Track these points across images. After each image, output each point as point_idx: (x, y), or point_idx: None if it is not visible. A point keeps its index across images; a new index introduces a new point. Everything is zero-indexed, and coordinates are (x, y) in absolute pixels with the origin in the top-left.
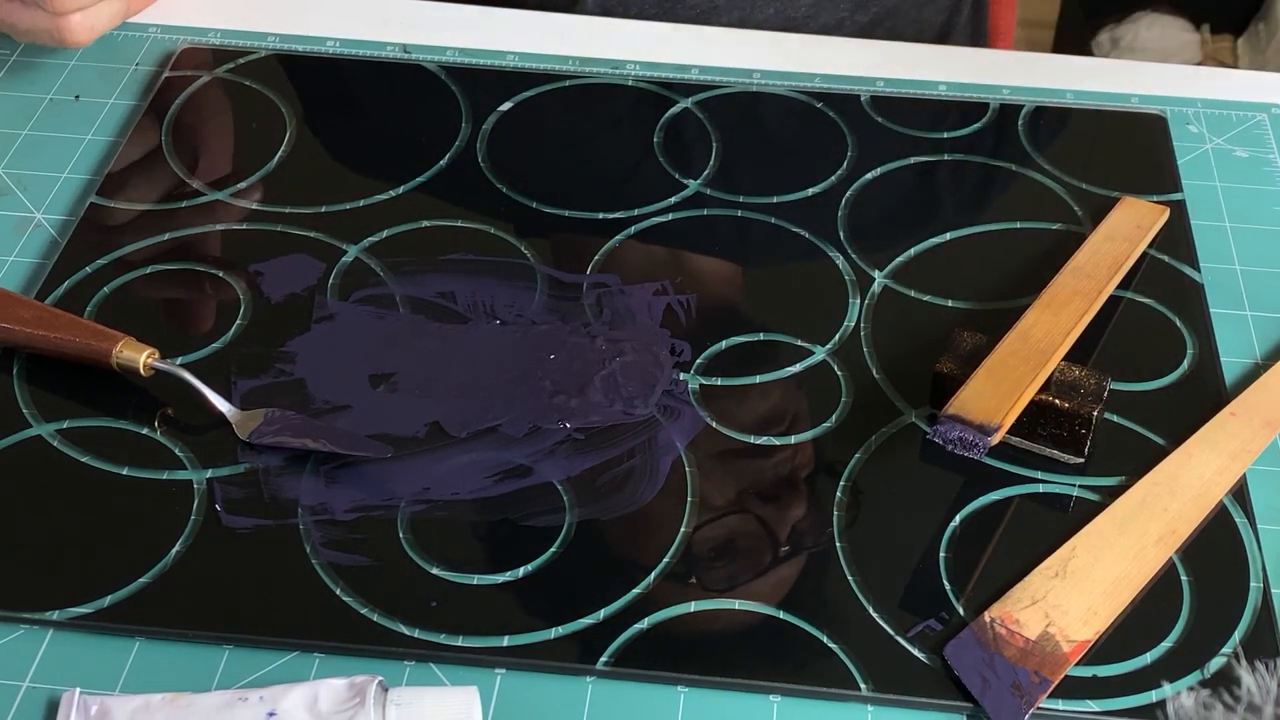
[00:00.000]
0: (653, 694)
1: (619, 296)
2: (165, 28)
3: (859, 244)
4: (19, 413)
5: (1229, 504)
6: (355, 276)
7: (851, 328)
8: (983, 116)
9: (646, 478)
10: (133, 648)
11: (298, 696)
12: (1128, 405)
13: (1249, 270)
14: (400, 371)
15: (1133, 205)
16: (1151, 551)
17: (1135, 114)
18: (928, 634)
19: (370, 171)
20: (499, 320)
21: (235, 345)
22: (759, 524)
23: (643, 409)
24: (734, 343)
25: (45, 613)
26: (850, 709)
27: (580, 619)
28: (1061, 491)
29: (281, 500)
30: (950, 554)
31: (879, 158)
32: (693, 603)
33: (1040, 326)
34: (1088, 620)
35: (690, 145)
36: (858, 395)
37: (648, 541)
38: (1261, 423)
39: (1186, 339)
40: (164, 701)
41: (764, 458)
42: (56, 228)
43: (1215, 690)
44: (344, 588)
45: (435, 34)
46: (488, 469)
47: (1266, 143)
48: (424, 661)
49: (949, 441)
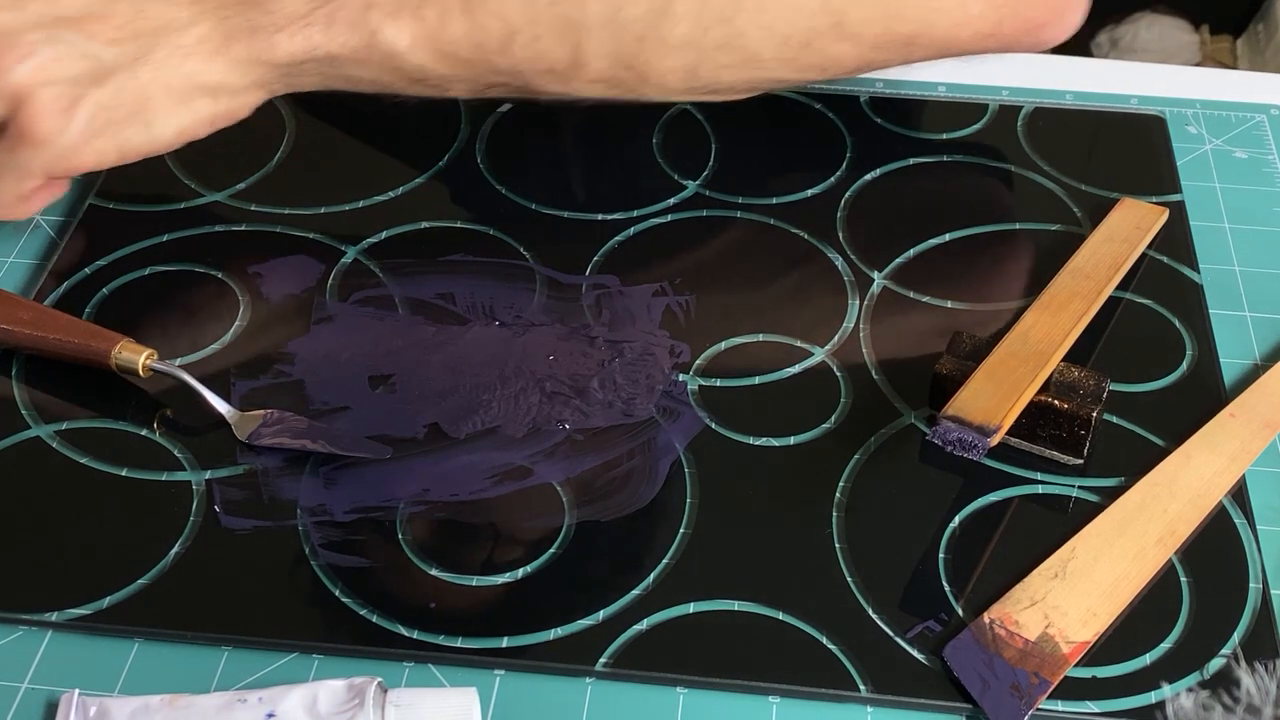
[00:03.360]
0: (652, 695)
1: (618, 297)
2: None
3: (858, 245)
4: (18, 414)
5: (1228, 505)
6: (354, 278)
7: (851, 328)
8: (982, 117)
9: (646, 478)
10: (132, 649)
11: (297, 698)
12: (1127, 406)
13: (1248, 271)
14: (399, 373)
15: (1132, 206)
16: (1151, 552)
17: (1134, 115)
18: (927, 635)
19: (369, 172)
20: (498, 321)
21: (234, 346)
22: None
23: (642, 410)
24: (733, 343)
25: (44, 614)
26: (849, 710)
27: (579, 620)
28: (1061, 492)
29: (280, 501)
30: (950, 555)
31: (878, 158)
32: (692, 603)
33: (1039, 327)
34: (1087, 621)
35: (689, 146)
36: (857, 396)
37: (647, 542)
38: (1261, 424)
39: (1186, 340)
40: (163, 703)
41: (763, 459)
42: (56, 228)
43: (1215, 691)
44: (343, 589)
45: None
46: (487, 470)
47: (1266, 144)
48: (423, 663)
49: (948, 442)
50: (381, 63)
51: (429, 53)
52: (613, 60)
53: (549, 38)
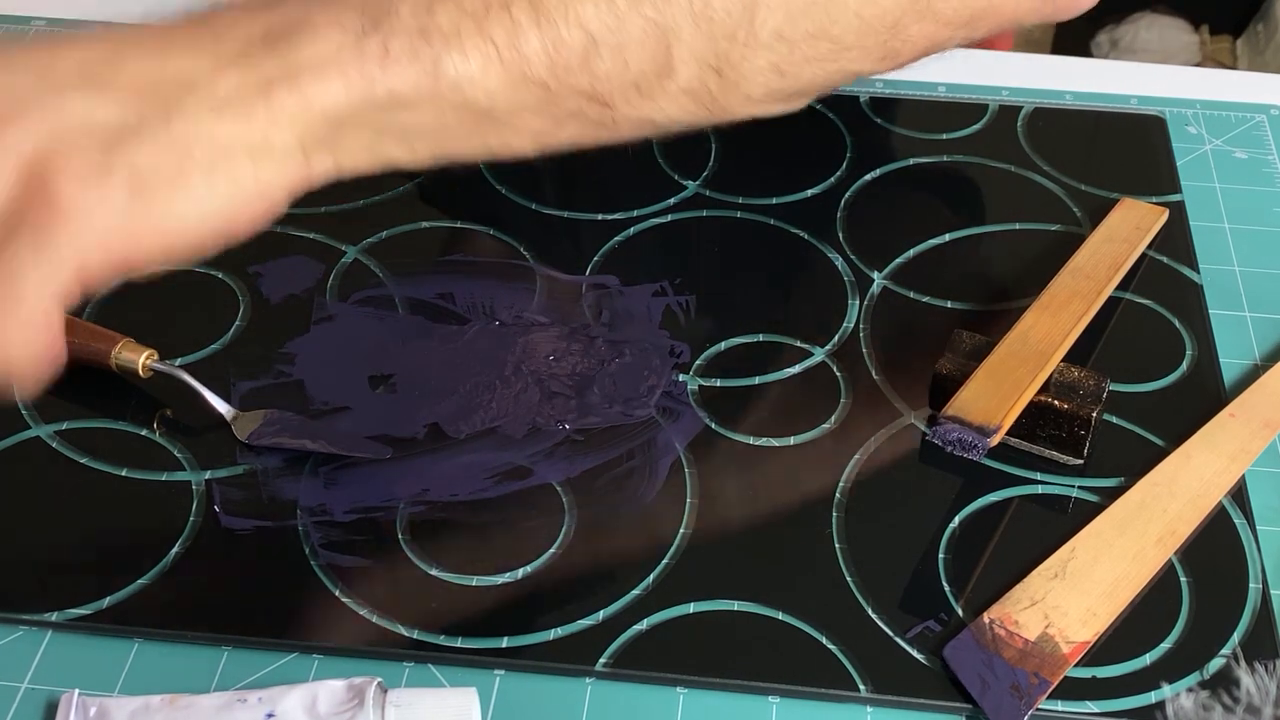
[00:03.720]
0: (652, 695)
1: (618, 298)
2: None
3: (858, 245)
4: (18, 414)
5: (1228, 505)
6: (354, 277)
7: (851, 329)
8: (982, 117)
9: (646, 479)
10: (132, 649)
11: (296, 698)
12: (1127, 406)
13: (1248, 271)
14: (399, 373)
15: (1132, 206)
16: (1151, 552)
17: (1134, 115)
18: (927, 635)
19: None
20: (498, 321)
21: (234, 346)
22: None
23: (642, 410)
24: (733, 344)
25: (44, 614)
26: (849, 710)
27: (579, 620)
28: (1061, 493)
29: (280, 501)
30: (949, 555)
31: (878, 159)
32: (692, 603)
33: (1039, 327)
34: (1087, 621)
35: (689, 146)
36: (857, 396)
37: (647, 542)
38: (1260, 424)
39: (1185, 340)
40: (163, 703)
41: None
42: None
43: (1214, 691)
44: (343, 589)
45: None
46: (487, 470)
47: (1265, 144)
48: (423, 663)
49: (948, 443)
50: (446, 96)
51: (501, 78)
52: (701, 64)
53: (635, 44)
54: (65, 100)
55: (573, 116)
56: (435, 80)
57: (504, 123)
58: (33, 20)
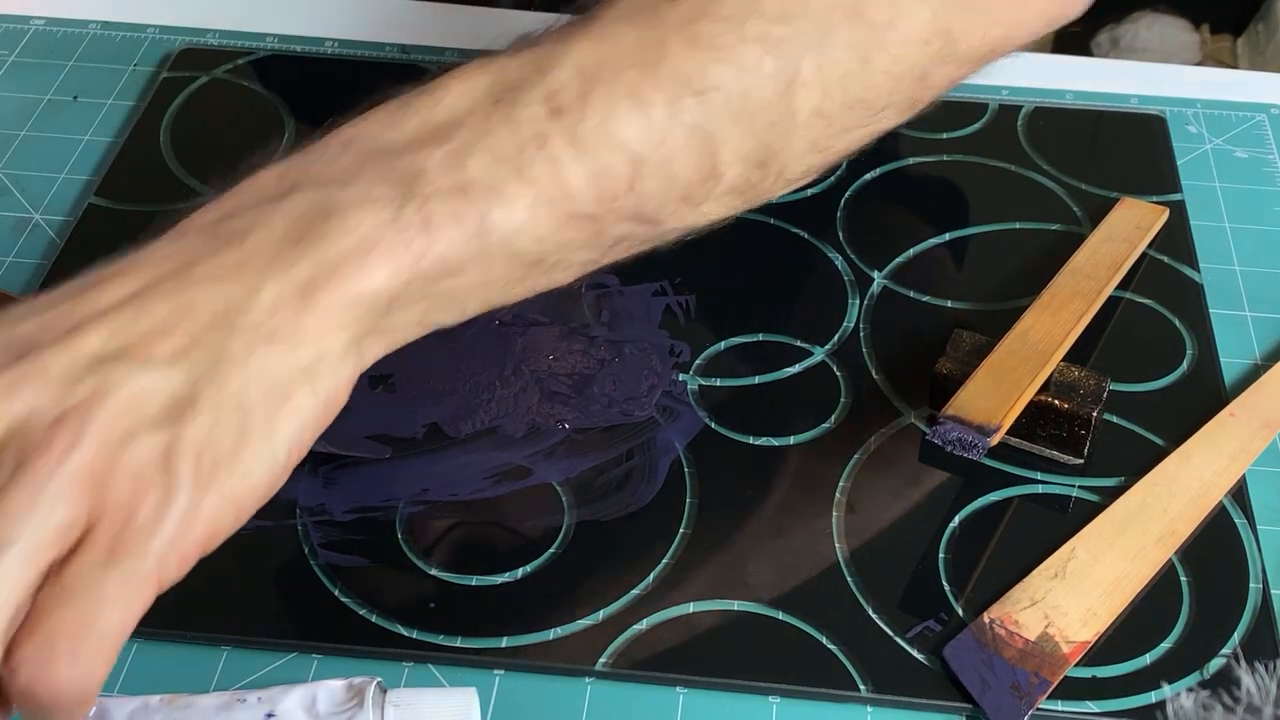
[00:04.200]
0: (652, 695)
1: (618, 297)
2: (164, 28)
3: (858, 244)
4: None
5: (1228, 505)
6: None
7: (851, 328)
8: (982, 117)
9: (645, 478)
10: (131, 649)
11: (296, 698)
12: (1127, 406)
13: (1248, 271)
14: (398, 372)
15: (1132, 206)
16: (1151, 552)
17: (1135, 114)
18: (927, 635)
19: None
20: (497, 321)
21: None
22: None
23: (642, 410)
24: (733, 343)
25: None
26: (849, 710)
27: (579, 619)
28: (1061, 492)
29: (279, 501)
30: (949, 555)
31: (878, 158)
32: (691, 603)
33: (1039, 327)
34: (1087, 621)
35: None
36: (857, 396)
37: (647, 542)
38: (1261, 423)
39: (1186, 339)
40: (162, 703)
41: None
42: (55, 228)
43: (1215, 691)
44: (342, 588)
45: (434, 35)
46: (486, 470)
47: (1266, 143)
48: (422, 663)
49: (948, 442)
50: (496, 251)
51: (549, 219)
52: (746, 161)
53: (679, 155)
54: (109, 384)
55: (620, 241)
56: (483, 237)
57: (553, 264)
58: (32, 20)
